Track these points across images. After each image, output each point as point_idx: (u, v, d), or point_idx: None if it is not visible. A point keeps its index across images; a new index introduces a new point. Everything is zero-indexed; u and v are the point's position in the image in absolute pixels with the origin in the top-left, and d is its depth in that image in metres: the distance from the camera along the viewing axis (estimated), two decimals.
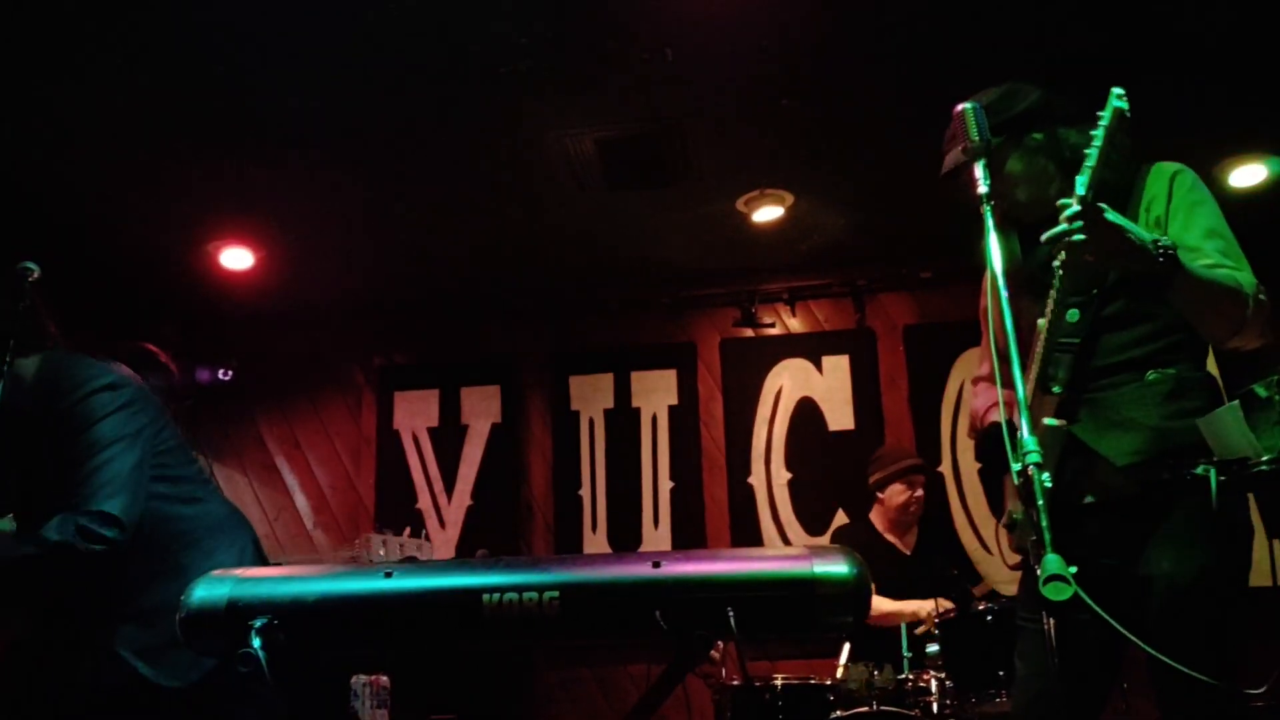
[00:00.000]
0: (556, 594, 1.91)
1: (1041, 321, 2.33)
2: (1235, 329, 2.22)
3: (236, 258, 5.30)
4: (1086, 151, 2.13)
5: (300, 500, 6.05)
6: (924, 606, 3.98)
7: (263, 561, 2.70)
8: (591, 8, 3.58)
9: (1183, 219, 2.32)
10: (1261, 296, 2.21)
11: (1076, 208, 2.09)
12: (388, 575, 1.98)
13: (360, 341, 6.15)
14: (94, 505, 2.35)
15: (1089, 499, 2.33)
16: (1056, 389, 2.36)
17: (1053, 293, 2.29)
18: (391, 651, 2.08)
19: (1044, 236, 2.17)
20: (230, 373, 5.95)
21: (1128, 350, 2.35)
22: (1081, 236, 2.08)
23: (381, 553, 4.51)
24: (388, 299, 5.98)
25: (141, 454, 2.47)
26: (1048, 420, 2.30)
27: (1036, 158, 2.50)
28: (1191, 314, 2.25)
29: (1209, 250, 2.25)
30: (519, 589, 1.91)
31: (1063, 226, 2.11)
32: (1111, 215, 2.11)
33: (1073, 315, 2.36)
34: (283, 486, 6.12)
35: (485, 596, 1.91)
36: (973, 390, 2.84)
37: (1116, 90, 2.17)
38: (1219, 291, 2.18)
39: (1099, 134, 2.13)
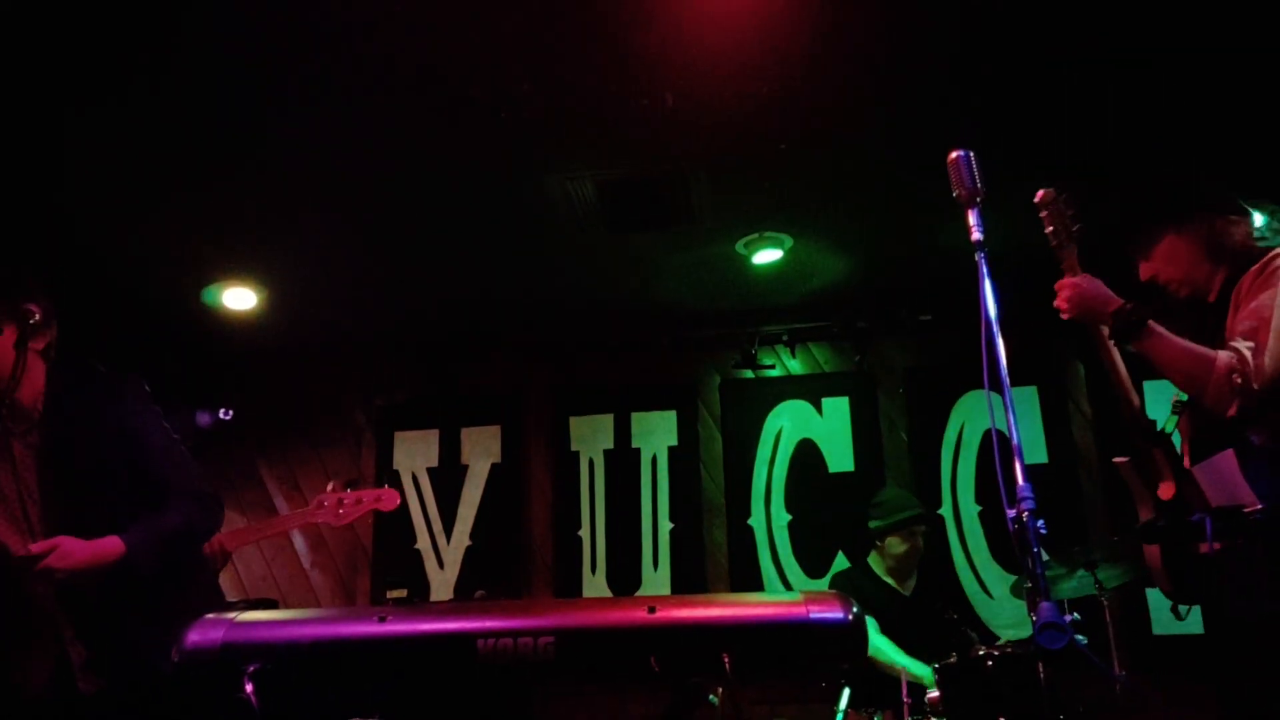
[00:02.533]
0: (551, 638, 1.90)
1: None
2: (1197, 394, 2.45)
3: (238, 298, 5.33)
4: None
5: (298, 541, 6.02)
6: (925, 673, 3.92)
7: None
8: (592, 52, 3.63)
9: (1243, 307, 2.55)
10: (1237, 379, 2.38)
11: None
12: (382, 619, 1.97)
13: (360, 382, 6.16)
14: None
15: None
16: None
17: None
18: (386, 696, 2.06)
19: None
20: (230, 413, 5.96)
21: None
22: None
23: None
24: (388, 339, 6.00)
25: None
26: None
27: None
28: (1158, 371, 2.55)
29: (1236, 330, 2.50)
30: (514, 633, 1.91)
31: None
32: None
33: None
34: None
35: (480, 641, 1.91)
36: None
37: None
38: (1180, 360, 2.48)
39: None
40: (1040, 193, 2.65)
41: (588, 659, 1.93)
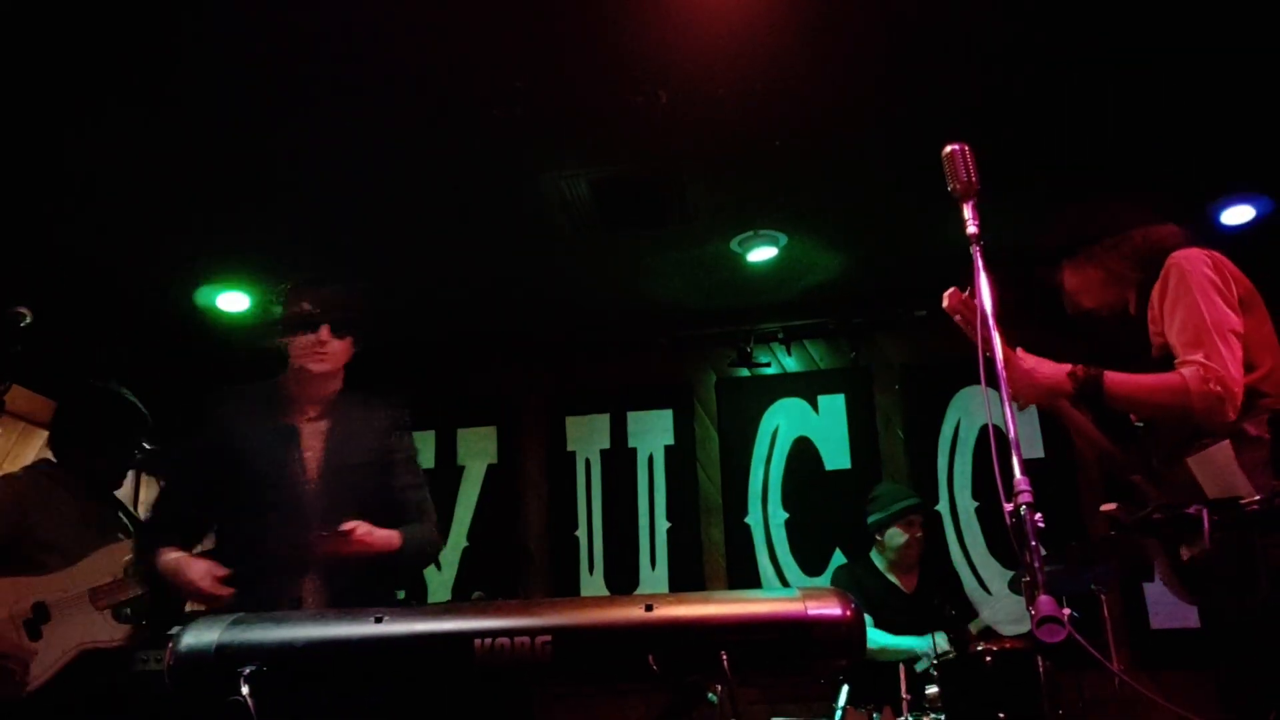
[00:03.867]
0: (549, 638, 1.89)
1: None
2: (1183, 417, 2.46)
3: (232, 301, 5.30)
4: None
5: None
6: (920, 644, 3.94)
7: None
8: (586, 50, 3.62)
9: (1168, 322, 2.58)
10: (1214, 388, 2.40)
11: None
12: (378, 620, 1.96)
13: (355, 383, 6.12)
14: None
15: None
16: None
17: None
18: (384, 698, 2.05)
19: None
20: None
21: None
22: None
23: None
24: (382, 340, 5.96)
25: None
26: None
27: None
28: (1138, 415, 2.61)
29: (1179, 345, 2.51)
30: (511, 633, 1.90)
31: None
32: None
33: None
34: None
35: (477, 641, 1.90)
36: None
37: None
38: (1151, 395, 2.51)
39: None
40: (945, 298, 2.63)
41: (586, 658, 1.92)
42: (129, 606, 3.41)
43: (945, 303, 2.61)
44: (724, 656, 1.83)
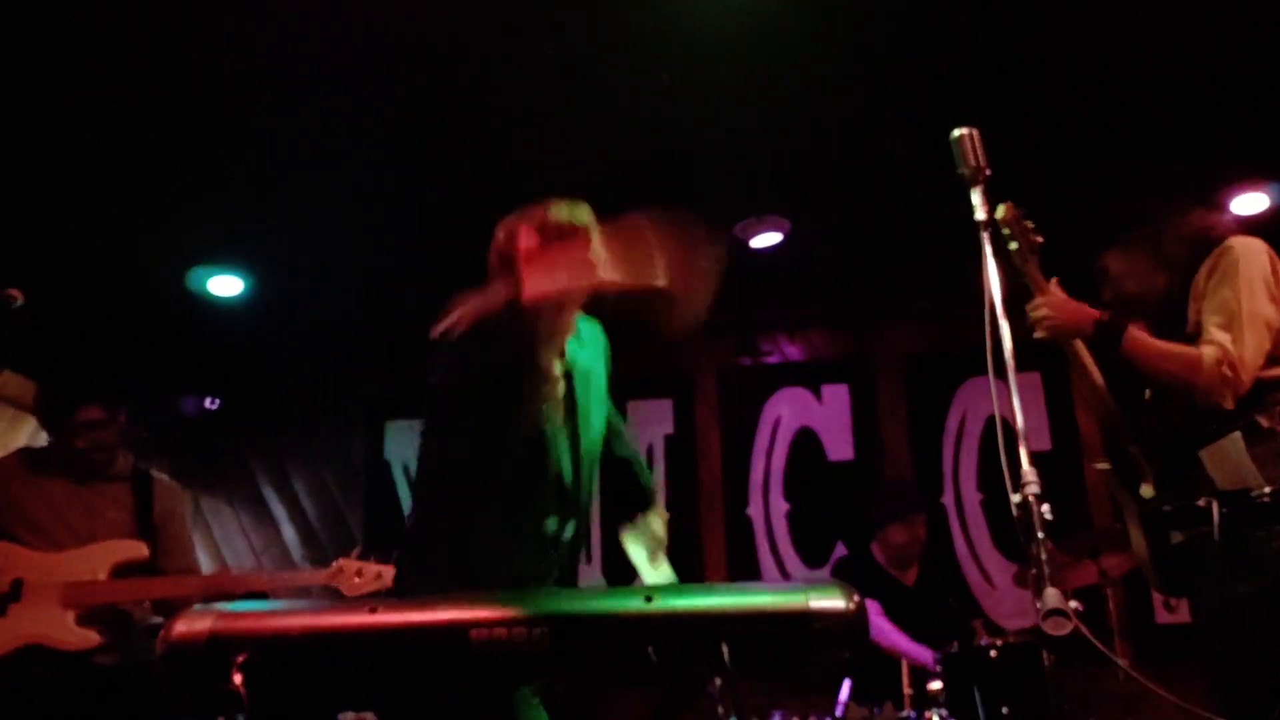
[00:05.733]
0: (546, 628, 1.86)
1: None
2: (1187, 390, 2.50)
3: (225, 285, 5.25)
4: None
5: (288, 532, 5.96)
6: (928, 655, 3.88)
7: None
8: (588, 33, 3.57)
9: (1208, 298, 2.62)
10: (1227, 371, 2.45)
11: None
12: (372, 610, 1.93)
13: (350, 370, 6.08)
14: None
15: None
16: None
17: None
18: (379, 687, 2.02)
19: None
20: (217, 402, 5.89)
21: None
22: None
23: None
24: (379, 328, 5.92)
25: None
26: None
27: None
28: (1146, 377, 2.63)
29: (1209, 325, 2.55)
30: (508, 624, 1.86)
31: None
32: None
33: None
34: (270, 519, 6.04)
35: (473, 631, 1.86)
36: None
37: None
38: (1165, 361, 2.55)
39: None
40: (1002, 209, 2.63)
41: (583, 649, 1.89)
42: (101, 612, 3.29)
43: (1000, 213, 2.59)
44: (725, 648, 1.79)
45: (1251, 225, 4.56)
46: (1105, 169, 4.31)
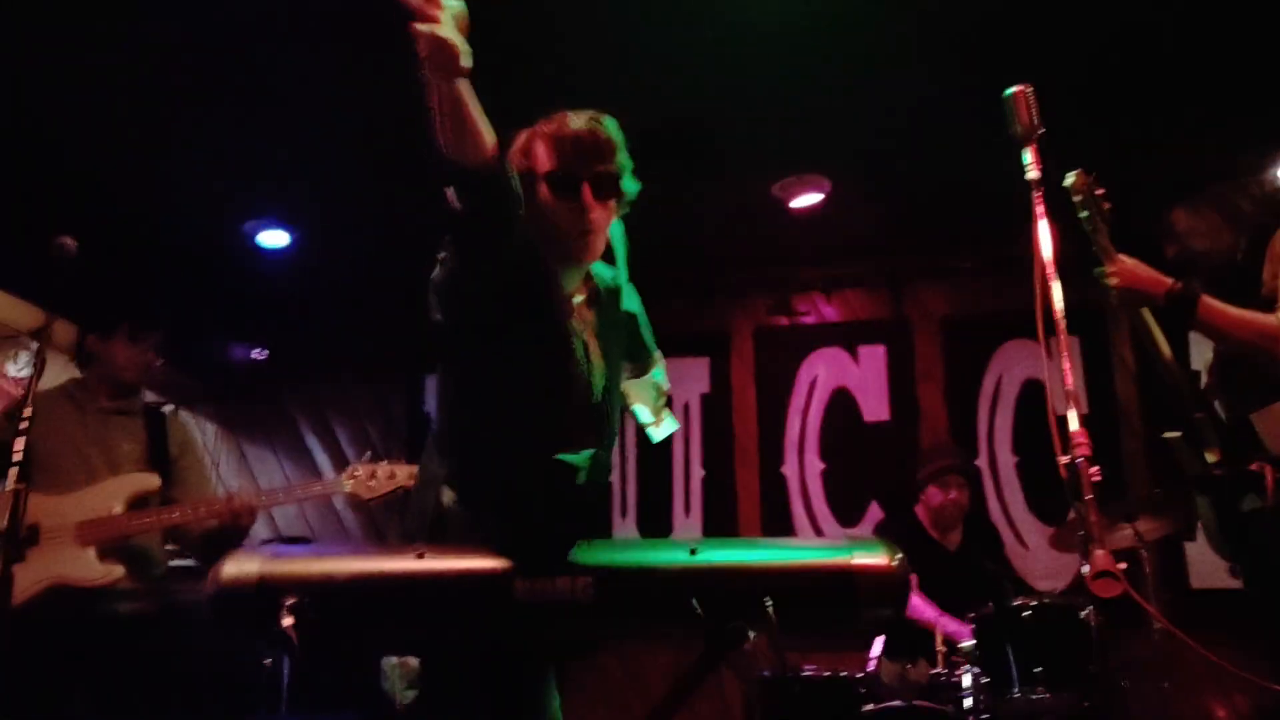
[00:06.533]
0: (590, 579, 1.88)
1: None
2: (1264, 358, 2.50)
3: (272, 238, 5.29)
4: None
5: (330, 477, 6.05)
6: (964, 632, 3.87)
7: None
8: None
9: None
10: None
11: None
12: (419, 556, 1.96)
13: (392, 323, 6.11)
14: None
15: None
16: None
17: None
18: (423, 633, 2.05)
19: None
20: (265, 352, 5.96)
21: None
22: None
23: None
24: (422, 281, 5.94)
25: None
26: None
27: None
28: (1220, 345, 2.65)
29: None
30: (553, 574, 1.88)
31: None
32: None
33: None
34: (313, 466, 6.14)
35: (518, 581, 1.89)
36: None
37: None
38: (1239, 330, 2.54)
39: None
40: (1073, 176, 2.62)
41: (627, 600, 1.90)
42: (119, 545, 3.25)
43: (1070, 181, 2.64)
44: (768, 603, 1.81)
45: None
46: (1169, 125, 4.22)
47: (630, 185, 2.31)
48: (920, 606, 4.15)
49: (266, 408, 6.18)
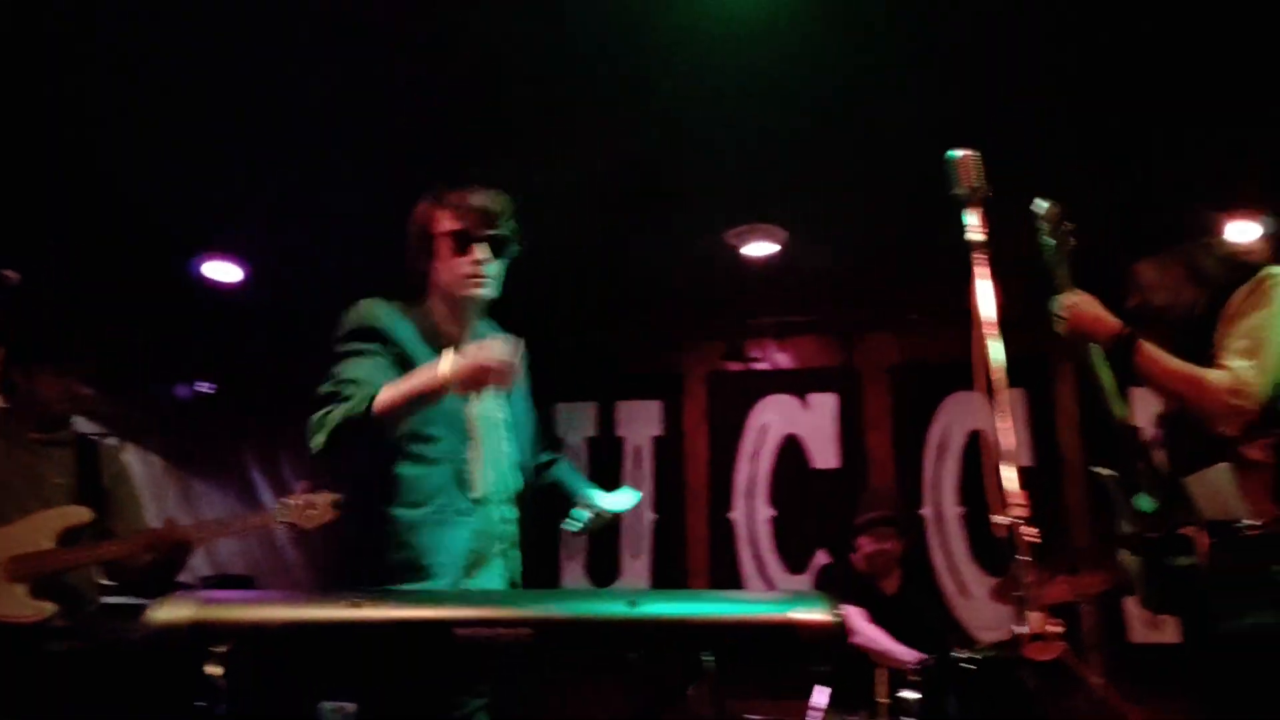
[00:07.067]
0: (529, 630, 1.86)
1: None
2: (1194, 412, 2.51)
3: (223, 271, 5.24)
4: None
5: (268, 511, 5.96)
6: (910, 657, 3.89)
7: None
8: (585, 35, 3.57)
9: (1237, 321, 2.58)
10: (1237, 401, 2.43)
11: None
12: (355, 605, 1.93)
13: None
14: None
15: None
16: None
17: None
18: (358, 682, 2.02)
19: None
20: (213, 386, 5.87)
21: None
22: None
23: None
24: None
25: None
26: None
27: None
28: (1155, 394, 2.67)
29: (1230, 348, 2.52)
30: (491, 623, 1.87)
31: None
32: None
33: None
34: (258, 502, 6.04)
35: (456, 630, 1.87)
36: None
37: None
38: (1172, 381, 2.56)
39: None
40: (1045, 205, 2.67)
41: (565, 651, 1.90)
42: (50, 581, 3.15)
43: (1044, 210, 2.69)
44: (706, 657, 1.81)
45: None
46: (1133, 182, 4.32)
47: (514, 249, 2.80)
48: (868, 632, 4.15)
49: (214, 442, 6.08)
